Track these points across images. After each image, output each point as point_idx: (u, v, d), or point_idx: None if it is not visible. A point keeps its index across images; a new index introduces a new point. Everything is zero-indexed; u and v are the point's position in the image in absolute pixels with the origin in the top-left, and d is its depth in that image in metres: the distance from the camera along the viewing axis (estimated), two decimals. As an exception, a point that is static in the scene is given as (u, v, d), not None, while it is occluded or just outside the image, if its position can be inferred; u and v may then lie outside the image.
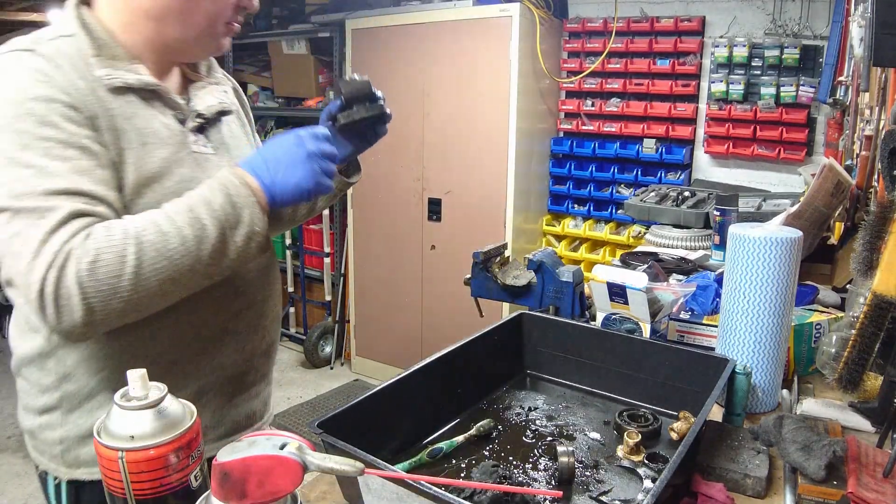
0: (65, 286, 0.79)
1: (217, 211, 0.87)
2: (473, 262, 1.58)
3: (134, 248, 0.82)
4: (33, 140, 0.83)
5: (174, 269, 0.84)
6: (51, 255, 0.79)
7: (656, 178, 3.38)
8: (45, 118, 0.84)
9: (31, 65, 0.86)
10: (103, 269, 0.80)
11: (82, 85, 0.89)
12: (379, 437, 0.94)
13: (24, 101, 0.84)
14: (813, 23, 3.01)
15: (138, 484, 0.71)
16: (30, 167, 0.82)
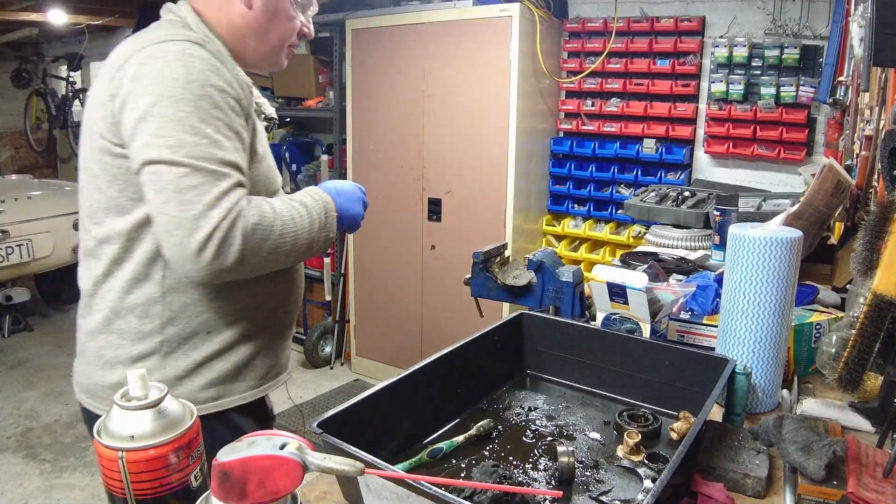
0: (233, 235, 0.99)
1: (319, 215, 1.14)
2: (473, 262, 1.58)
3: (280, 223, 1.06)
4: (210, 117, 1.01)
5: (292, 250, 1.09)
6: (225, 210, 0.98)
7: (656, 178, 3.38)
8: (218, 104, 1.02)
9: (204, 56, 1.04)
10: (259, 232, 1.02)
11: (237, 82, 1.08)
12: (379, 437, 0.94)
13: (203, 85, 1.01)
14: (813, 23, 3.01)
15: (138, 484, 0.71)
16: (206, 137, 1.00)
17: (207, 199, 0.97)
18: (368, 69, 3.80)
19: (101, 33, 6.41)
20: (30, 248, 4.21)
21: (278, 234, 1.05)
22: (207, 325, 1.14)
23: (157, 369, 1.12)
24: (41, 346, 4.48)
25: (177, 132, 0.98)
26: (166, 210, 0.98)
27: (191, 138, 0.98)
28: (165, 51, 1.03)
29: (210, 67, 1.03)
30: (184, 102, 0.99)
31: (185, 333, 1.13)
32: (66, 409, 3.58)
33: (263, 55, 1.20)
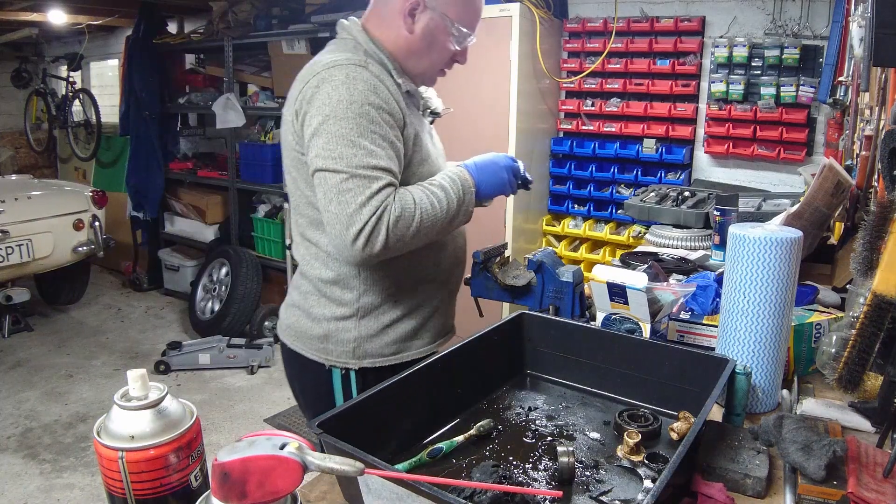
0: (378, 228, 1.20)
1: (459, 196, 1.32)
2: (473, 262, 1.58)
3: (419, 214, 1.25)
4: (366, 131, 1.23)
5: (433, 229, 1.29)
6: (374, 208, 1.20)
7: (656, 178, 3.38)
8: (374, 119, 1.24)
9: (365, 78, 1.25)
10: (402, 224, 1.23)
11: (394, 98, 1.29)
12: (379, 437, 0.94)
13: (363, 104, 1.23)
14: (813, 23, 3.01)
15: (138, 484, 0.71)
16: (363, 149, 1.22)
17: (360, 199, 1.20)
18: (368, 69, 3.80)
19: (101, 33, 6.42)
20: (30, 248, 4.20)
21: (419, 222, 1.25)
22: (394, 295, 1.40)
23: (353, 328, 1.40)
24: (41, 346, 4.48)
25: (339, 146, 1.21)
26: (329, 209, 1.22)
27: (350, 150, 1.21)
28: (333, 76, 1.25)
29: (369, 88, 1.25)
30: (346, 120, 1.22)
31: (377, 302, 1.40)
32: (66, 409, 3.58)
33: (418, 72, 1.40)
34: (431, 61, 1.39)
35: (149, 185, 5.33)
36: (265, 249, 4.75)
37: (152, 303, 5.38)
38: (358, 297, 1.39)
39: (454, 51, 1.39)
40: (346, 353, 1.41)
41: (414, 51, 1.36)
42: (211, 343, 4.12)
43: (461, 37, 1.37)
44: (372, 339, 1.41)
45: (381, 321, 1.40)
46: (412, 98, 1.39)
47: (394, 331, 1.42)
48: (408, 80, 1.37)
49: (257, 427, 3.40)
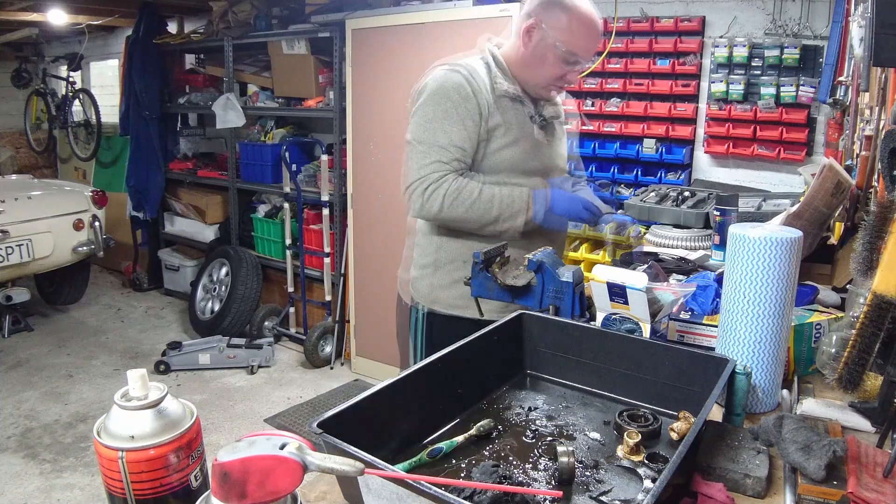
0: (437, 192, 1.59)
1: (503, 207, 1.62)
2: (473, 262, 1.58)
3: (454, 196, 1.58)
4: (444, 117, 1.60)
5: (464, 217, 1.61)
6: (439, 176, 1.59)
7: (656, 178, 3.38)
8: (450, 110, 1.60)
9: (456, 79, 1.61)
10: (437, 195, 1.59)
11: (484, 94, 1.62)
12: (379, 437, 0.94)
13: (445, 97, 1.60)
14: (813, 23, 3.01)
15: (138, 484, 0.71)
16: (440, 129, 1.60)
17: (430, 166, 1.59)
18: (368, 69, 3.80)
19: (101, 33, 6.42)
20: (30, 248, 4.20)
21: (465, 209, 1.59)
22: (464, 256, 1.68)
23: (430, 276, 1.75)
24: (41, 346, 4.48)
25: (421, 124, 1.63)
26: (404, 170, 1.64)
27: (427, 126, 1.61)
28: (435, 75, 1.65)
29: (456, 85, 1.60)
30: (431, 105, 1.62)
31: (448, 258, 1.72)
32: (66, 409, 3.58)
33: (530, 82, 1.68)
34: (542, 75, 1.64)
35: (149, 185, 5.33)
36: (265, 249, 4.75)
37: (152, 303, 5.39)
38: (435, 251, 1.74)
39: (563, 70, 1.62)
40: (424, 296, 1.76)
41: (526, 63, 1.65)
42: (211, 343, 4.12)
43: (568, 58, 1.60)
44: (444, 289, 1.72)
45: (452, 276, 1.70)
46: (514, 100, 1.67)
47: (461, 286, 1.63)
48: (513, 84, 1.66)
49: (257, 427, 3.40)
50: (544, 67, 1.63)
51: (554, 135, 1.79)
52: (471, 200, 1.58)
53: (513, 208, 1.61)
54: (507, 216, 1.61)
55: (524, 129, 1.69)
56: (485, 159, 1.66)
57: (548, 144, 1.76)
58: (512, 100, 1.67)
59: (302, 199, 4.20)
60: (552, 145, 1.78)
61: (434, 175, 1.58)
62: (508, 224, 1.61)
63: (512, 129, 1.66)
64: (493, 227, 1.62)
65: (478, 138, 1.63)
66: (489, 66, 1.67)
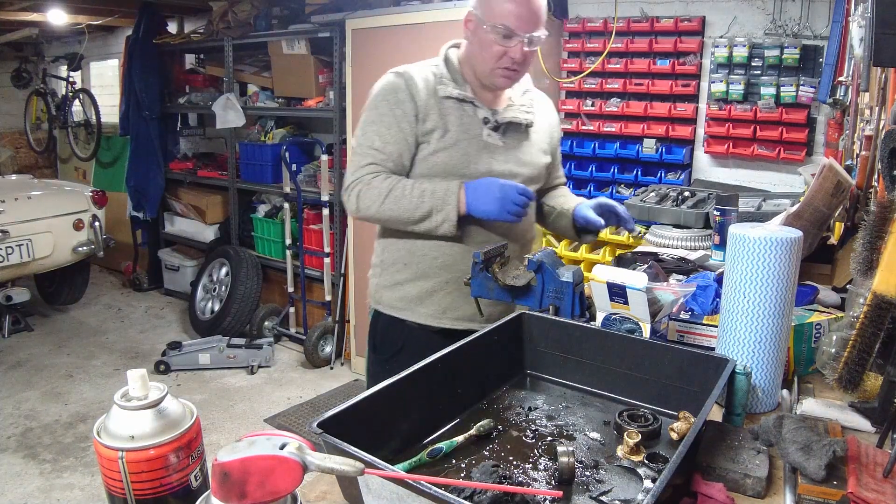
0: (353, 193, 1.61)
1: (435, 199, 1.56)
2: (473, 262, 1.58)
3: (386, 192, 1.57)
4: (376, 121, 1.62)
5: (397, 213, 1.58)
6: (358, 176, 1.61)
7: (656, 178, 3.38)
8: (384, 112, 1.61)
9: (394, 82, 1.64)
10: (369, 195, 1.58)
11: (421, 97, 1.61)
12: (379, 437, 0.94)
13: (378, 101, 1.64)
14: (813, 23, 3.01)
15: (138, 484, 0.71)
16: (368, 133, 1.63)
17: (357, 166, 1.62)
18: (368, 69, 3.80)
19: (100, 33, 6.42)
20: (30, 248, 4.20)
21: (382, 202, 1.56)
22: (403, 258, 1.68)
23: (378, 276, 1.74)
24: (41, 346, 4.48)
25: (360, 128, 1.66)
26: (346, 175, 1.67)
27: (365, 130, 1.64)
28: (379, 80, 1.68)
29: (392, 88, 1.62)
30: (369, 109, 1.65)
31: (391, 260, 1.71)
32: (66, 409, 3.58)
33: (482, 74, 1.63)
34: (484, 61, 1.59)
35: (149, 185, 5.33)
36: (265, 249, 4.75)
37: (152, 303, 5.39)
38: (382, 251, 1.74)
39: (503, 48, 1.56)
40: (373, 294, 1.77)
41: (472, 55, 1.63)
42: (211, 343, 4.12)
43: (502, 32, 1.54)
44: (387, 289, 1.72)
45: (395, 278, 1.70)
46: (461, 102, 1.64)
47: (403, 289, 1.68)
48: (461, 87, 1.64)
49: (257, 427, 3.40)
50: (484, 52, 1.58)
51: (518, 140, 1.72)
52: (402, 196, 1.55)
53: (445, 201, 1.55)
54: (439, 209, 1.55)
55: (468, 133, 1.63)
56: (418, 164, 1.63)
57: (504, 148, 1.68)
58: (459, 102, 1.63)
59: (302, 199, 4.20)
60: (512, 150, 1.69)
61: (367, 177, 1.59)
62: (442, 217, 1.55)
63: (450, 132, 1.61)
64: (428, 223, 1.57)
65: (415, 141, 1.61)
66: (437, 70, 1.66)
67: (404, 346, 1.70)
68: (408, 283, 1.68)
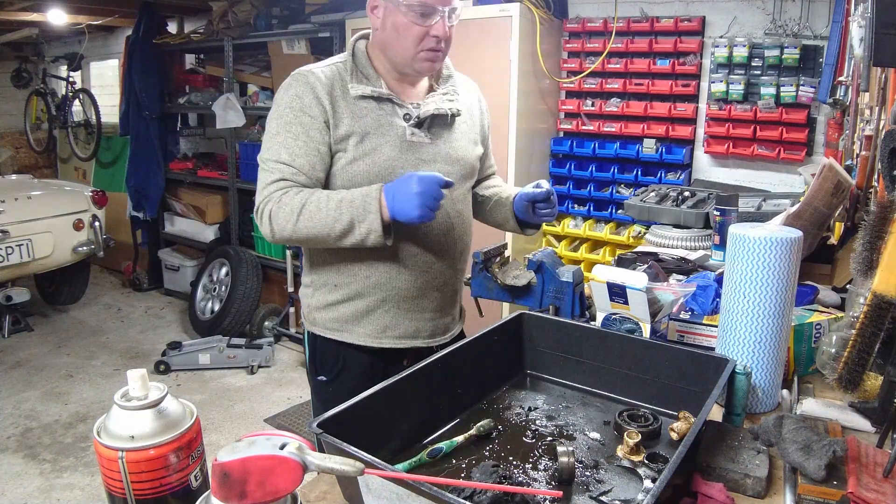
0: (265, 214, 1.39)
1: (354, 208, 1.34)
2: (473, 262, 1.58)
3: (299, 210, 1.36)
4: (282, 131, 1.41)
5: (316, 230, 1.36)
6: (266, 195, 1.40)
7: (656, 178, 3.38)
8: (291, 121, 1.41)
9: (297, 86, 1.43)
10: (281, 215, 1.37)
11: (326, 101, 1.41)
12: (379, 437, 0.94)
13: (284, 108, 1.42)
14: (813, 23, 3.01)
15: (138, 484, 0.71)
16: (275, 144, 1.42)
17: (265, 183, 1.42)
18: (368, 69, 3.80)
19: (101, 33, 6.41)
20: (30, 248, 4.20)
21: (297, 219, 1.36)
22: (332, 279, 1.53)
23: (310, 297, 1.58)
24: (41, 346, 4.48)
25: (265, 140, 1.45)
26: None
27: (270, 142, 1.43)
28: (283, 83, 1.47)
29: (296, 94, 1.42)
30: (272, 119, 1.44)
31: (321, 280, 1.55)
32: (66, 409, 3.58)
33: (403, 62, 1.45)
34: (404, 46, 1.42)
35: (149, 185, 5.33)
36: (265, 249, 4.75)
37: (152, 303, 5.38)
38: (310, 270, 1.58)
39: (423, 28, 1.39)
40: (306, 315, 1.61)
41: (387, 43, 1.44)
42: (211, 343, 4.12)
43: (419, 10, 1.38)
44: (320, 310, 1.56)
45: (327, 298, 1.54)
46: (379, 101, 1.46)
47: (336, 310, 1.54)
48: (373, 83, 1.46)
49: (257, 427, 3.40)
50: (401, 37, 1.41)
51: (447, 132, 1.53)
52: (318, 210, 1.35)
53: (365, 208, 1.33)
54: (361, 218, 1.33)
55: (389, 134, 1.45)
56: (336, 175, 1.45)
57: (433, 144, 1.50)
58: (374, 101, 1.45)
59: (302, 199, 4.20)
60: (440, 146, 1.51)
61: (277, 194, 1.38)
62: (366, 228, 1.33)
63: (369, 135, 1.43)
64: (352, 237, 1.35)
65: (328, 150, 1.43)
66: (345, 66, 1.47)
67: (345, 367, 1.55)
68: (341, 305, 1.53)
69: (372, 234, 1.34)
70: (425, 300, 1.54)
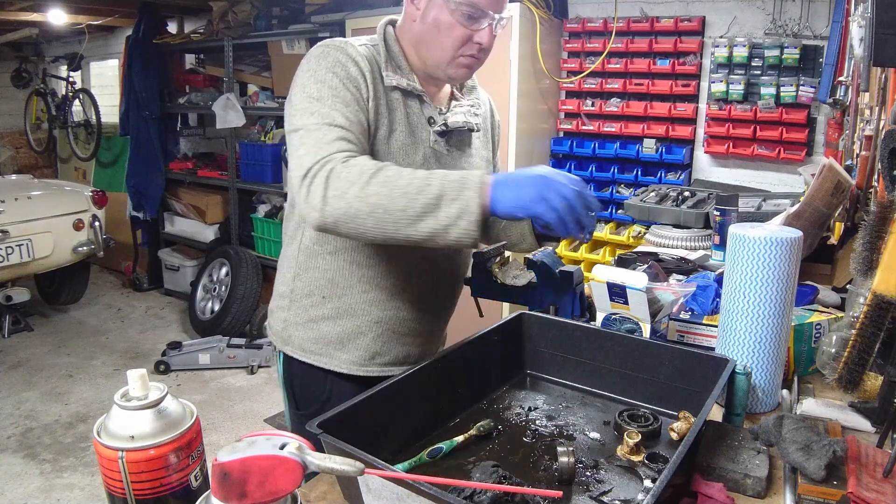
0: (319, 177, 1.07)
1: (446, 182, 1.05)
2: (473, 262, 1.58)
3: (373, 171, 1.06)
4: (327, 95, 1.17)
5: (390, 199, 1.04)
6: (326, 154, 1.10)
7: (656, 178, 3.38)
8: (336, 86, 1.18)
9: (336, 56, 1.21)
10: (345, 173, 1.06)
11: (369, 77, 1.22)
12: (379, 437, 0.94)
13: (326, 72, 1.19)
14: (813, 23, 3.01)
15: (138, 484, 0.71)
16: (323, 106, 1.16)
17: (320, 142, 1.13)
18: (368, 69, 3.80)
19: (101, 33, 6.41)
20: (30, 248, 4.20)
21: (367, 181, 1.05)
22: (321, 289, 1.33)
23: (285, 309, 1.38)
24: (41, 346, 4.48)
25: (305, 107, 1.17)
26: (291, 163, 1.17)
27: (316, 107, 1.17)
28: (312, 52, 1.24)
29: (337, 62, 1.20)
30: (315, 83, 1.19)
31: (305, 290, 1.34)
32: (66, 409, 3.58)
33: (436, 63, 1.29)
34: (442, 47, 1.25)
35: (149, 185, 5.33)
36: (265, 249, 4.75)
37: (152, 303, 5.38)
38: (293, 278, 1.36)
39: (468, 31, 1.24)
40: (277, 332, 1.41)
41: (424, 39, 1.27)
42: (211, 343, 4.12)
43: (467, 12, 1.21)
44: (298, 327, 1.36)
45: (309, 313, 1.34)
46: (408, 95, 1.29)
47: (318, 328, 1.34)
48: (407, 76, 1.29)
49: (257, 427, 3.40)
50: (441, 36, 1.24)
51: (463, 149, 1.39)
52: (398, 176, 1.06)
53: (463, 183, 1.05)
54: (455, 194, 1.03)
55: (415, 135, 1.30)
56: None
57: (450, 157, 1.35)
58: (405, 94, 1.29)
59: (302, 199, 4.20)
60: (459, 159, 1.37)
61: (340, 155, 1.10)
62: (458, 208, 1.03)
63: (396, 132, 1.27)
64: (434, 220, 1.03)
65: (367, 120, 1.23)
66: (378, 51, 1.29)
67: (331, 399, 1.34)
68: (325, 322, 1.33)
69: (464, 217, 1.03)
70: (422, 324, 1.40)
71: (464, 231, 1.03)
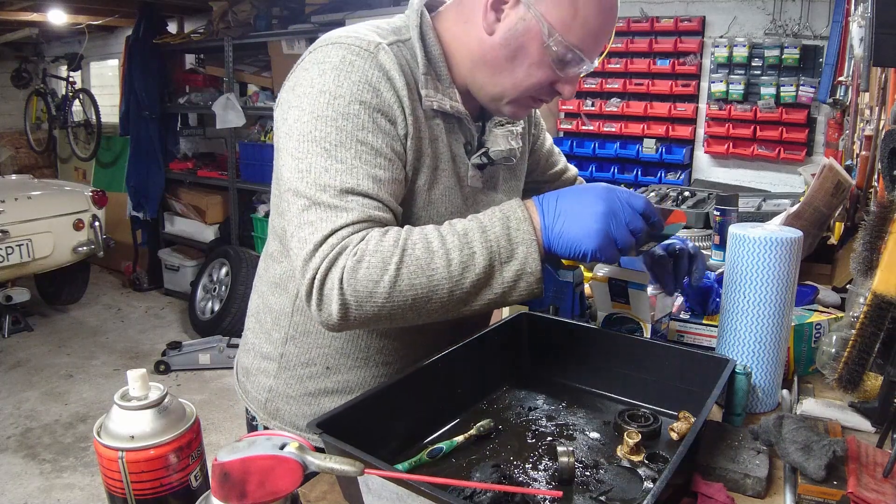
0: (330, 279, 0.83)
1: (491, 241, 0.85)
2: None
3: (398, 258, 0.83)
4: (349, 139, 0.88)
5: (430, 289, 0.84)
6: (328, 249, 0.84)
7: (656, 178, 3.38)
8: (366, 125, 0.89)
9: (364, 69, 0.90)
10: (363, 272, 0.82)
11: (406, 102, 0.93)
12: (379, 437, 0.94)
13: (351, 103, 0.88)
14: (813, 23, 3.01)
15: (138, 484, 0.71)
16: (341, 163, 0.87)
17: (319, 237, 0.85)
18: (368, 69, 3.80)
19: (101, 33, 6.41)
20: (30, 248, 4.20)
21: (397, 273, 0.83)
22: (327, 360, 1.07)
23: (273, 376, 1.12)
24: (41, 346, 4.48)
25: (310, 154, 0.87)
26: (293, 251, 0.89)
27: (324, 162, 0.87)
28: (328, 56, 0.91)
29: (365, 81, 0.90)
30: (324, 120, 0.88)
31: (303, 359, 1.08)
32: (66, 409, 3.58)
33: (489, 95, 1.00)
34: (514, 80, 0.96)
35: (149, 185, 5.34)
36: (265, 249, 4.75)
37: (152, 303, 5.39)
38: (284, 341, 1.08)
39: (553, 76, 0.96)
40: (259, 401, 1.13)
41: (493, 63, 0.96)
42: (211, 343, 4.12)
43: (565, 56, 0.93)
44: (290, 401, 1.10)
45: (306, 385, 1.08)
46: (449, 119, 1.01)
47: (318, 403, 1.08)
48: (451, 95, 0.99)
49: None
50: (518, 70, 0.95)
51: (500, 175, 1.13)
52: (428, 253, 0.84)
53: (510, 235, 0.86)
54: (505, 258, 0.85)
55: (456, 172, 1.03)
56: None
57: (484, 193, 1.10)
58: (445, 118, 1.01)
59: (302, 199, 4.20)
60: (493, 194, 1.12)
61: (354, 237, 0.85)
62: (512, 273, 0.86)
63: (443, 171, 1.01)
64: (492, 289, 0.87)
65: (404, 171, 0.95)
66: (412, 55, 0.97)
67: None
68: (328, 397, 1.08)
69: (523, 279, 0.86)
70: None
71: (525, 291, 0.88)
